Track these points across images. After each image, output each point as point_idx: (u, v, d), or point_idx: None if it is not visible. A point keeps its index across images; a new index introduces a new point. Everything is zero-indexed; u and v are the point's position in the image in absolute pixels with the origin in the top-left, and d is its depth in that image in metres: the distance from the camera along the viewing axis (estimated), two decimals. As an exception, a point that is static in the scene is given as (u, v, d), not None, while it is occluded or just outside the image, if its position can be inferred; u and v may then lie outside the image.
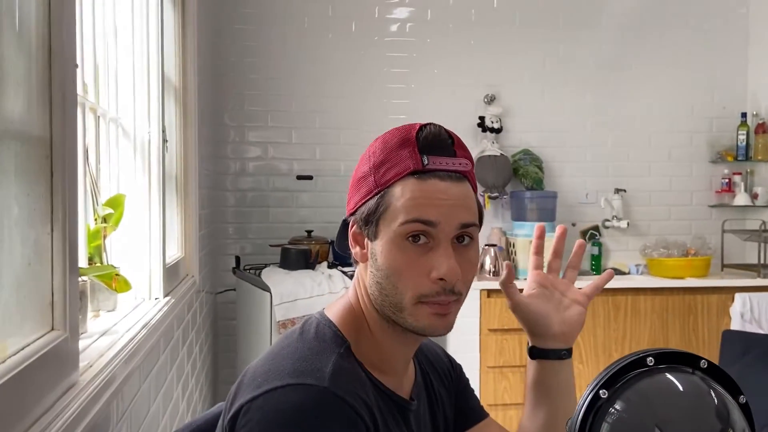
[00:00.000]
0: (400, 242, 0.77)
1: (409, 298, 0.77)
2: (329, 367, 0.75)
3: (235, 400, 0.75)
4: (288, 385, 0.71)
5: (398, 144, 0.80)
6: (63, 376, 0.90)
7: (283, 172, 3.46)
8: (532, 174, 3.47)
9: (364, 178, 0.82)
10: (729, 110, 3.72)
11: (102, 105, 1.53)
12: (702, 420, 0.56)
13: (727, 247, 3.62)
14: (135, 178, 1.70)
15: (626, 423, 0.57)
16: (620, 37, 3.68)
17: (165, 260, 1.78)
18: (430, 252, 0.77)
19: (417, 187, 0.77)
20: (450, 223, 0.77)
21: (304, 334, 0.82)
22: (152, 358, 1.52)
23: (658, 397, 0.58)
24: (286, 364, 0.75)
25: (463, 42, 3.58)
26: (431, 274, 0.76)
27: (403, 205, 0.77)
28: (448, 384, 1.00)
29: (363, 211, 0.81)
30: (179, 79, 2.14)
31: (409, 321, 0.78)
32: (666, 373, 0.59)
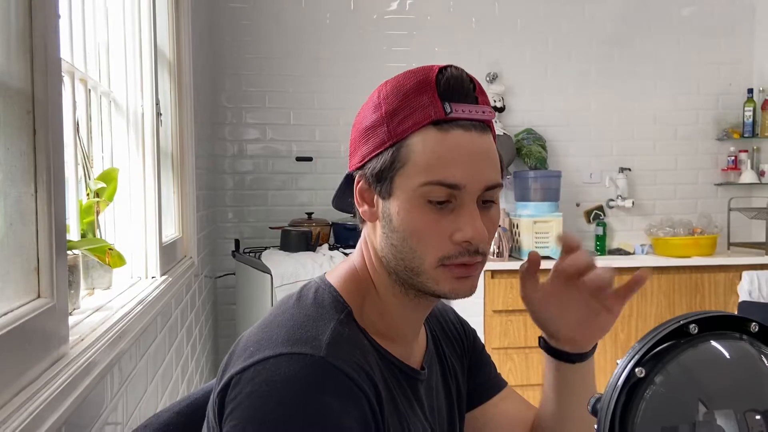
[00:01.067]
0: (420, 203, 0.70)
1: (429, 261, 0.70)
2: (327, 334, 0.68)
3: (226, 371, 0.69)
4: (281, 355, 0.65)
5: (415, 89, 0.70)
6: (51, 346, 0.86)
7: (282, 154, 3.41)
8: (536, 153, 3.41)
9: (374, 127, 0.72)
10: (735, 86, 3.66)
11: (93, 78, 1.48)
12: (755, 391, 0.49)
13: (734, 226, 3.57)
14: (129, 153, 1.65)
15: (668, 402, 0.50)
16: (624, 14, 3.61)
17: (161, 238, 1.73)
18: (453, 213, 0.70)
19: (439, 140, 0.69)
20: (475, 184, 0.69)
21: (301, 299, 0.75)
22: (149, 336, 1.48)
23: (703, 370, 0.51)
24: (280, 332, 0.69)
25: (464, 19, 3.51)
26: (455, 236, 0.69)
27: (426, 163, 0.69)
28: (461, 351, 0.93)
29: (374, 165, 0.72)
30: (173, 54, 2.08)
31: (429, 285, 0.72)
32: (711, 340, 0.51)
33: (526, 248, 3.17)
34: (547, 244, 3.18)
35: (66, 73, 1.23)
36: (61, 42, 1.16)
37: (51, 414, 0.75)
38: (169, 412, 0.86)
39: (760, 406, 0.47)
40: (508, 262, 3.12)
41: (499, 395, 0.95)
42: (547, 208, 3.25)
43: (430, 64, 0.73)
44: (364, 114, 0.75)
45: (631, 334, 3.10)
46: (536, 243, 3.17)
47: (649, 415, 0.49)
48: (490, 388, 0.95)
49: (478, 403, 0.94)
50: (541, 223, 3.20)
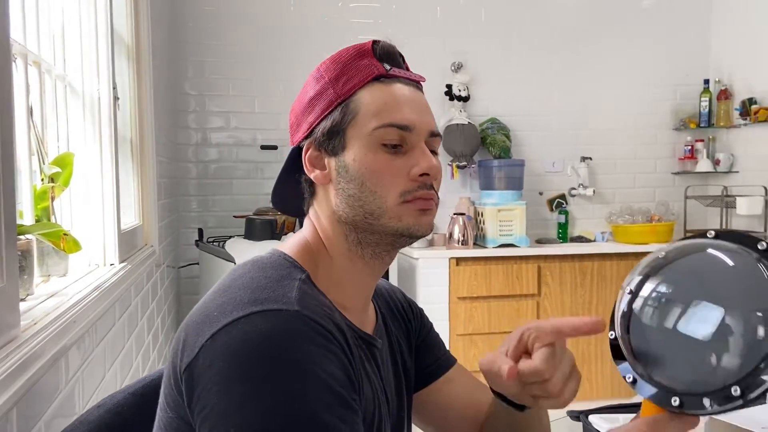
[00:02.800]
0: (374, 148, 0.74)
1: (391, 198, 0.74)
2: (294, 292, 0.68)
3: (188, 341, 0.66)
4: (252, 314, 0.63)
5: (354, 56, 0.77)
6: (1, 328, 0.84)
7: (246, 143, 3.38)
8: (500, 143, 3.45)
9: (319, 94, 0.77)
10: (692, 77, 3.75)
11: (47, 61, 1.44)
12: (751, 292, 0.53)
13: (690, 213, 3.68)
14: (85, 138, 1.62)
15: (670, 297, 0.57)
16: (586, 6, 3.66)
17: (120, 225, 1.71)
18: (405, 155, 0.75)
19: (384, 90, 0.75)
20: (422, 127, 0.76)
21: (256, 263, 0.74)
22: (106, 323, 1.46)
23: (705, 272, 0.57)
24: (244, 293, 0.67)
25: (429, 9, 3.52)
26: (412, 171, 0.74)
27: (376, 109, 0.74)
28: (407, 331, 0.93)
29: (324, 126, 0.76)
30: (132, 38, 2.04)
31: (391, 224, 0.74)
32: (712, 249, 0.57)
33: (491, 236, 3.21)
34: (512, 232, 3.23)
35: (18, 55, 1.20)
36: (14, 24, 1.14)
37: (1, 393, 0.74)
38: (123, 393, 0.85)
39: (759, 306, 0.52)
40: (473, 249, 3.16)
41: (447, 374, 0.94)
42: (511, 196, 3.30)
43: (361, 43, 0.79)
44: (304, 91, 0.80)
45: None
46: (500, 231, 3.21)
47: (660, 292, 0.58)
48: (439, 368, 0.95)
49: (427, 383, 0.94)
50: (506, 211, 3.24)
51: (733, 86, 3.62)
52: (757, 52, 3.46)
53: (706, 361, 0.53)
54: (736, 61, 3.61)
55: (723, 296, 0.54)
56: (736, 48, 3.62)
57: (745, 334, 0.51)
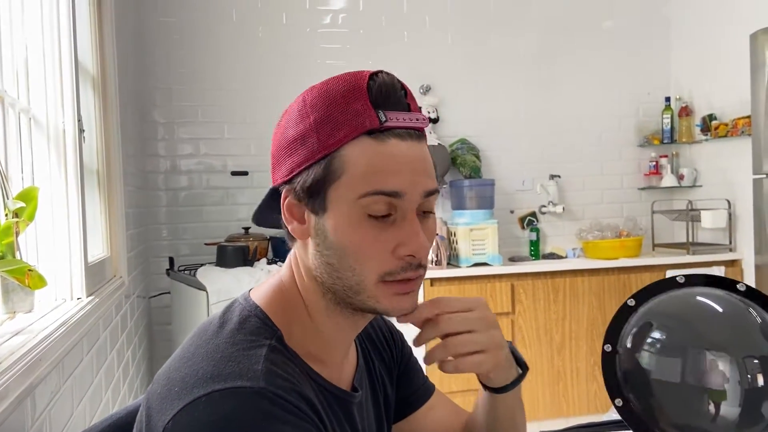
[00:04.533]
0: (359, 218, 0.66)
1: (371, 278, 0.67)
2: (261, 363, 0.63)
3: (152, 417, 0.63)
4: (214, 392, 0.59)
5: (346, 96, 0.66)
6: (-38, 372, 0.82)
7: (217, 169, 3.36)
8: (470, 163, 3.49)
9: (302, 137, 0.67)
10: (654, 95, 3.85)
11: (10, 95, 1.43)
12: (745, 338, 0.53)
13: (657, 227, 3.76)
14: (50, 171, 1.60)
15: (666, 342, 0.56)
16: (550, 27, 3.75)
17: (87, 258, 1.68)
18: (394, 226, 0.67)
19: (375, 149, 0.65)
20: (415, 191, 0.67)
21: (224, 326, 0.69)
22: (73, 359, 1.43)
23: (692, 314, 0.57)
24: (206, 366, 0.62)
25: (396, 33, 3.57)
26: (398, 250, 0.66)
27: (363, 173, 0.65)
28: (389, 360, 0.91)
29: (304, 179, 0.67)
30: (97, 68, 2.03)
31: (368, 303, 0.68)
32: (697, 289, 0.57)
33: (464, 256, 3.23)
34: (484, 251, 3.25)
35: (-21, 90, 1.19)
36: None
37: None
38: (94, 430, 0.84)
39: (755, 352, 0.51)
40: (447, 269, 3.17)
41: (427, 404, 0.94)
42: (482, 215, 3.33)
43: (359, 70, 0.69)
44: (287, 123, 0.70)
45: (565, 335, 3.20)
46: (473, 250, 3.24)
47: (637, 340, 0.56)
48: (420, 397, 0.94)
49: (408, 413, 0.93)
50: (478, 230, 3.27)
51: (693, 103, 3.73)
52: (715, 70, 3.57)
53: (705, 411, 0.52)
54: (696, 79, 3.73)
55: (716, 342, 0.53)
56: (695, 66, 3.73)
57: (742, 382, 0.50)
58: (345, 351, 0.77)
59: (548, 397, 3.19)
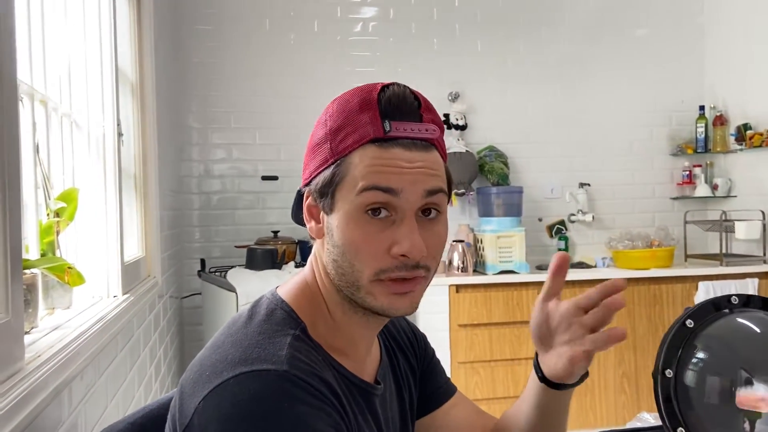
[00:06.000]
0: (358, 215, 0.69)
1: (366, 275, 0.70)
2: (285, 349, 0.67)
3: (184, 400, 0.68)
4: (241, 374, 0.64)
5: (358, 107, 0.71)
6: (6, 362, 0.87)
7: (248, 174, 3.43)
8: (498, 170, 3.49)
9: (320, 144, 0.73)
10: (687, 104, 3.80)
11: (53, 99, 1.49)
12: None
13: (690, 238, 3.70)
14: (90, 173, 1.66)
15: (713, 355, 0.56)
16: (580, 34, 3.74)
17: (123, 257, 1.74)
18: (392, 226, 0.70)
19: (377, 154, 0.69)
20: (414, 191, 0.69)
21: (253, 317, 0.74)
22: (108, 354, 1.48)
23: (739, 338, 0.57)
24: (236, 351, 0.67)
25: (425, 40, 3.60)
26: (392, 249, 0.69)
27: (362, 173, 0.69)
28: (413, 360, 0.94)
29: (318, 181, 0.73)
30: (136, 75, 2.10)
31: (367, 300, 0.71)
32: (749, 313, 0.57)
33: (491, 263, 3.23)
34: (511, 259, 3.25)
35: (26, 94, 1.25)
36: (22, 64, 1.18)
37: (4, 425, 0.76)
38: (123, 423, 0.88)
39: None
40: (473, 276, 3.18)
41: (449, 402, 0.96)
42: (509, 223, 3.33)
43: (376, 82, 0.73)
44: (315, 130, 0.76)
45: (593, 345, 3.17)
46: (500, 258, 3.23)
47: (695, 362, 0.55)
48: (442, 395, 0.96)
49: (429, 411, 0.95)
50: (505, 237, 3.27)
51: (728, 112, 3.67)
52: (750, 78, 3.52)
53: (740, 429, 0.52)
54: (730, 87, 3.67)
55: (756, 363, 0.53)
56: (729, 74, 3.67)
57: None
58: (367, 346, 0.80)
59: (575, 408, 3.16)
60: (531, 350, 2.79)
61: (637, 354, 3.21)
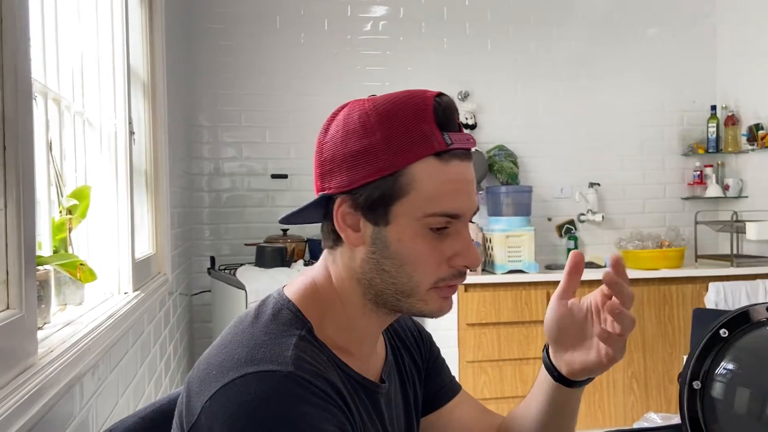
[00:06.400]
0: (422, 232, 0.71)
1: (425, 285, 0.73)
2: (291, 350, 0.68)
3: (191, 398, 0.68)
4: (247, 374, 0.64)
5: (414, 117, 0.70)
6: (19, 356, 0.89)
7: (258, 172, 3.45)
8: (507, 169, 3.49)
9: (368, 152, 0.70)
10: (699, 104, 3.78)
11: (66, 97, 1.51)
12: None
13: (701, 238, 3.68)
14: (101, 171, 1.68)
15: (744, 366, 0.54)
16: (591, 34, 3.73)
17: (134, 254, 1.76)
18: (448, 238, 0.73)
19: (441, 171, 0.71)
20: (469, 212, 0.74)
21: (259, 317, 0.74)
22: (119, 350, 1.50)
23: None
24: (242, 352, 0.68)
25: (435, 39, 3.60)
26: (454, 260, 0.73)
27: (431, 194, 0.70)
28: (418, 358, 0.95)
29: (368, 193, 0.71)
30: (147, 74, 2.12)
31: (417, 306, 0.74)
32: None
33: (499, 262, 3.23)
34: (520, 258, 3.25)
35: (39, 93, 1.27)
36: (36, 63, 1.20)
37: (18, 419, 0.78)
38: (134, 417, 0.89)
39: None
40: (482, 276, 3.18)
41: (454, 400, 0.97)
42: (519, 222, 3.32)
43: (420, 89, 0.73)
44: (346, 135, 0.73)
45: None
46: (509, 257, 3.23)
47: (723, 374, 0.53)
48: (446, 394, 0.97)
49: (434, 408, 0.96)
50: (514, 237, 3.26)
51: (740, 112, 3.64)
52: (762, 79, 3.49)
53: None
54: (742, 87, 3.65)
55: None
56: (741, 74, 3.65)
57: None
58: (372, 345, 0.82)
59: (584, 407, 3.16)
60: (539, 350, 2.77)
61: (647, 355, 3.20)
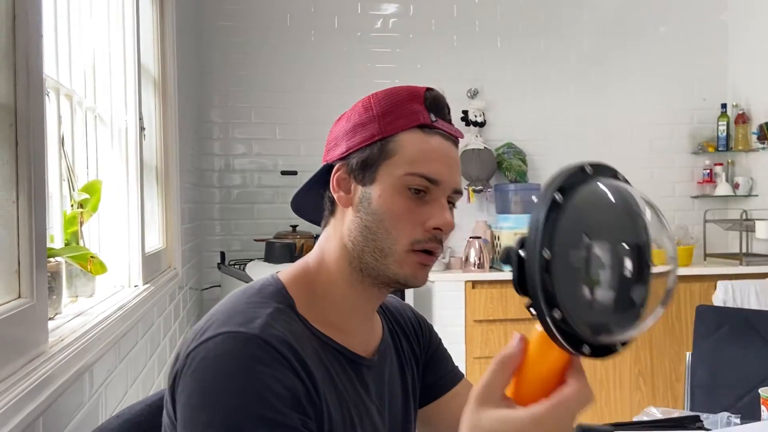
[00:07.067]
0: (401, 190, 0.79)
1: (402, 243, 0.79)
2: (263, 317, 0.75)
3: (179, 355, 0.76)
4: (220, 334, 0.72)
5: (406, 97, 0.82)
6: (30, 344, 0.91)
7: (268, 169, 3.48)
8: (516, 167, 3.50)
9: (364, 124, 0.82)
10: (709, 102, 3.76)
11: (78, 93, 1.54)
12: (627, 226, 0.53)
13: (710, 237, 3.66)
14: (112, 166, 1.71)
15: (572, 226, 0.53)
16: (601, 31, 3.72)
17: (144, 248, 1.79)
18: (426, 205, 0.80)
19: (424, 139, 0.80)
20: (448, 184, 0.81)
21: (246, 290, 0.82)
22: (129, 341, 1.53)
23: (591, 205, 0.55)
24: (222, 316, 0.76)
25: (445, 37, 3.61)
26: (427, 222, 0.79)
27: (411, 156, 0.79)
28: (416, 346, 0.98)
29: (360, 155, 0.81)
30: (158, 70, 2.15)
31: (392, 268, 0.80)
32: (599, 180, 0.55)
33: (507, 259, 3.23)
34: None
35: (52, 89, 1.30)
36: (48, 60, 1.23)
37: (28, 404, 0.80)
38: (141, 404, 0.92)
39: (630, 238, 0.52)
40: (489, 273, 3.19)
41: (455, 388, 0.99)
42: (527, 220, 3.32)
43: (415, 86, 0.85)
44: (350, 116, 0.85)
45: (609, 343, 3.17)
46: (517, 254, 3.23)
47: (561, 235, 0.53)
48: (448, 382, 0.99)
49: (436, 397, 0.98)
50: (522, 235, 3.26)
51: (751, 110, 3.62)
52: (774, 76, 3.47)
53: (584, 295, 0.51)
54: (753, 86, 3.62)
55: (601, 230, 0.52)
56: (752, 72, 3.63)
57: (614, 267, 0.50)
58: (363, 322, 0.87)
59: (590, 404, 3.16)
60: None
61: (654, 352, 3.20)
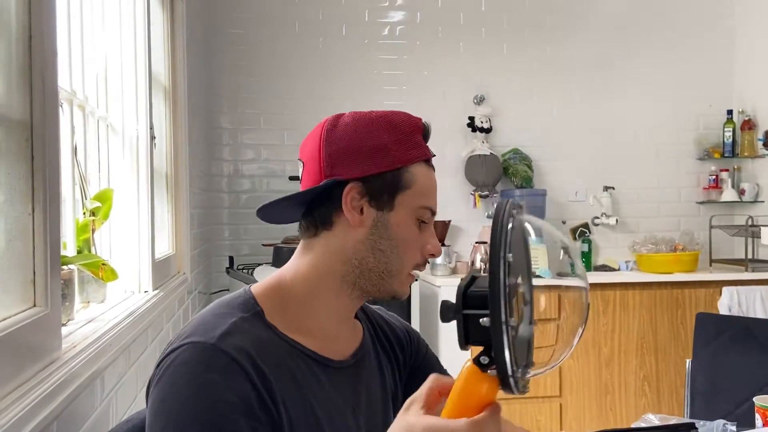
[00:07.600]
0: (414, 220, 0.89)
1: (408, 267, 0.89)
2: (225, 326, 0.80)
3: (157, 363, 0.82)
4: (183, 344, 0.78)
5: (412, 130, 0.90)
6: (44, 351, 0.95)
7: (276, 174, 3.51)
8: (522, 173, 3.52)
9: (380, 150, 0.87)
10: (715, 108, 3.77)
11: (90, 103, 1.58)
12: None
13: (715, 243, 3.66)
14: (123, 174, 1.75)
15: None
16: (607, 37, 3.73)
17: (154, 254, 1.83)
18: (422, 231, 0.90)
19: (429, 174, 0.91)
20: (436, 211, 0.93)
21: (219, 301, 0.88)
22: (139, 347, 1.57)
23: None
24: (191, 328, 0.82)
25: (452, 44, 3.64)
26: (425, 249, 0.90)
27: (425, 190, 0.89)
28: (400, 353, 1.02)
29: (378, 182, 0.86)
30: (169, 79, 2.19)
31: (394, 286, 0.89)
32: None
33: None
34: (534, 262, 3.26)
35: (65, 100, 1.34)
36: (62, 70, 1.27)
37: (42, 410, 0.84)
38: (149, 409, 0.95)
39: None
40: (495, 278, 3.21)
41: None
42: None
43: (406, 112, 0.92)
44: (356, 134, 0.87)
45: (614, 348, 3.18)
46: (522, 260, 3.25)
47: None
48: None
49: None
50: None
51: (757, 116, 3.63)
52: (780, 83, 3.47)
53: None
54: (760, 92, 3.62)
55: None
56: (759, 78, 3.63)
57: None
58: (336, 326, 0.91)
59: (595, 410, 3.18)
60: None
61: (659, 358, 3.21)
